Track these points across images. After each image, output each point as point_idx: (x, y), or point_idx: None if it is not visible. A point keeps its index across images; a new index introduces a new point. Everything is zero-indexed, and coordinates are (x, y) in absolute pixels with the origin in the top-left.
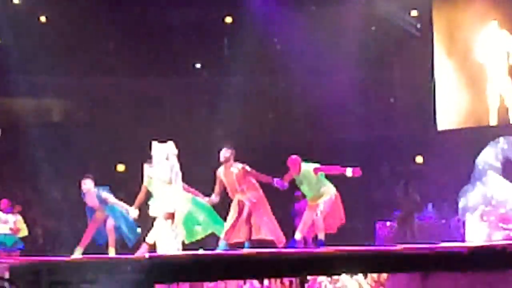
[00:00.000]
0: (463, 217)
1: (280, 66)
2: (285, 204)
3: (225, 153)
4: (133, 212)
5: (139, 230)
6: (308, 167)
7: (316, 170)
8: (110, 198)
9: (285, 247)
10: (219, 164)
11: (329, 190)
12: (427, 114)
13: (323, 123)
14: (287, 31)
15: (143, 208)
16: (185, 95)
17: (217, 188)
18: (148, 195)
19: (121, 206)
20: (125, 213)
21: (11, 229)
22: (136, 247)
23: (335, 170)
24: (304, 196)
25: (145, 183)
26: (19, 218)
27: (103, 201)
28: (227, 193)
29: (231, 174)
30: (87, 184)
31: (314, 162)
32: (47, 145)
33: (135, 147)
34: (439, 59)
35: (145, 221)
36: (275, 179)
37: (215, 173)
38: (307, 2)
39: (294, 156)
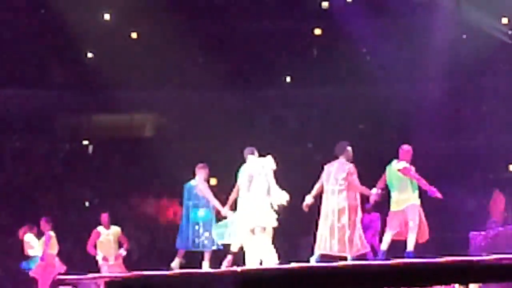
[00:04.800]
0: None
1: (369, 76)
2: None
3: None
4: (225, 211)
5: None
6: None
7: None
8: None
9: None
10: (310, 176)
11: (416, 198)
12: None
13: (414, 133)
14: (376, 41)
15: None
16: (276, 108)
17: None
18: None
19: (215, 202)
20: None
21: None
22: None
23: (424, 184)
24: (373, 209)
25: (240, 174)
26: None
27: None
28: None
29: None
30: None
31: None
32: (139, 159)
33: (226, 160)
34: None
35: None
36: (373, 192)
37: (306, 184)
38: (396, 12)
39: (406, 146)
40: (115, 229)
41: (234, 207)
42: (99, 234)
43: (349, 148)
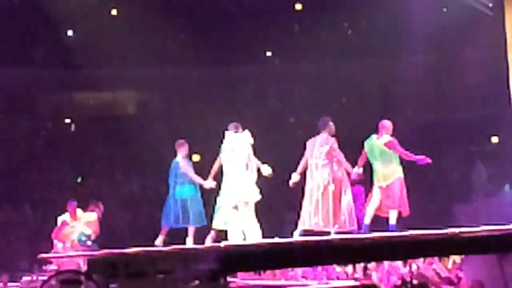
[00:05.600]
0: None
1: (351, 50)
2: None
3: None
4: (210, 183)
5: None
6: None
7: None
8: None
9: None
10: (292, 151)
11: (401, 171)
12: (501, 94)
13: (397, 106)
14: (357, 15)
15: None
16: (257, 83)
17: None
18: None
19: (196, 178)
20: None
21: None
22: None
23: (409, 156)
24: (357, 182)
25: (221, 152)
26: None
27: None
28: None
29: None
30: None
31: None
32: (122, 138)
33: (209, 136)
34: None
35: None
36: (355, 171)
37: (288, 158)
38: None
39: (387, 122)
40: (84, 219)
41: (216, 179)
42: (65, 225)
43: (331, 123)
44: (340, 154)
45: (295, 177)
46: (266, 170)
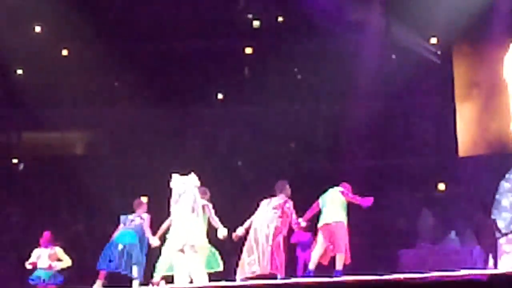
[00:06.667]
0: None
1: (300, 95)
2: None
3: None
4: (153, 241)
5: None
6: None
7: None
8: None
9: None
10: (239, 195)
11: (345, 217)
12: (448, 141)
13: (344, 152)
14: (307, 61)
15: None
16: (207, 126)
17: None
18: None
19: (149, 235)
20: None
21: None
22: None
23: (357, 200)
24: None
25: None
26: (57, 250)
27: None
28: None
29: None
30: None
31: None
32: (69, 178)
33: (158, 179)
34: (460, 85)
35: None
36: (297, 224)
37: (236, 203)
38: (327, 32)
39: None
40: None
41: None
42: None
43: (288, 186)
44: (292, 213)
45: (240, 231)
46: (222, 233)
